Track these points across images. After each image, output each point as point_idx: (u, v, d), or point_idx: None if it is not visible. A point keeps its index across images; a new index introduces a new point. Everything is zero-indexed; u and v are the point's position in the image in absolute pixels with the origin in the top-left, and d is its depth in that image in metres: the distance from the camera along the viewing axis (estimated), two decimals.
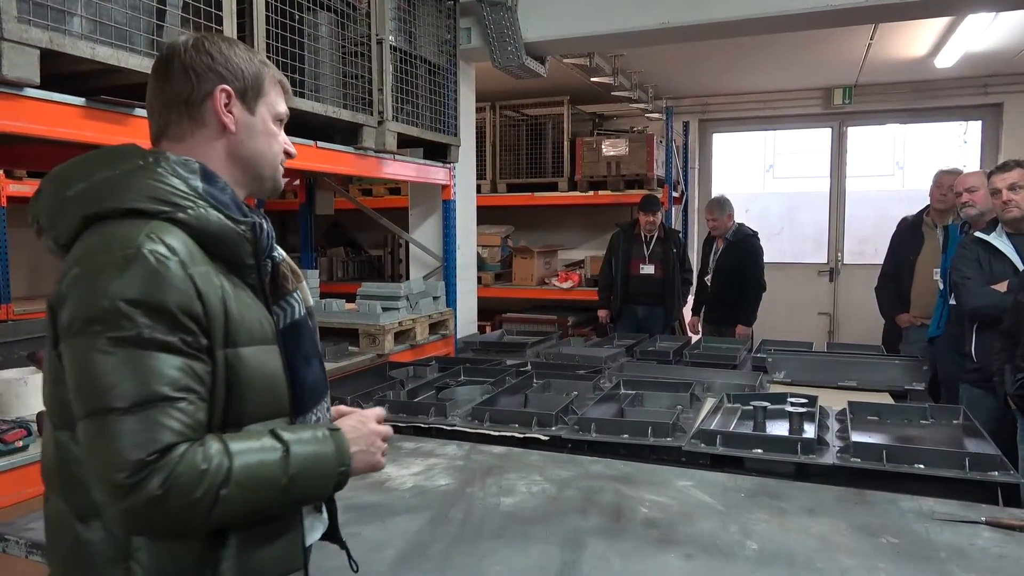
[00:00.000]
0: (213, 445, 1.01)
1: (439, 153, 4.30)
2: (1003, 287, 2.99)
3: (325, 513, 1.31)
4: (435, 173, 4.32)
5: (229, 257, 1.12)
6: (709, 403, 2.78)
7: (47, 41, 1.97)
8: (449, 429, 2.59)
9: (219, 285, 1.08)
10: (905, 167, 7.44)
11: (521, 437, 2.48)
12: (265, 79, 1.23)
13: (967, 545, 1.67)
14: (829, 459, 2.17)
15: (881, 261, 4.88)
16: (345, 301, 4.07)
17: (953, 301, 3.39)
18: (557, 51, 4.75)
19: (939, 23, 5.06)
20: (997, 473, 2.01)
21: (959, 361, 3.31)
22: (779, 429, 2.45)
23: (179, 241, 1.05)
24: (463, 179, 4.68)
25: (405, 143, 3.95)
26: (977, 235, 3.22)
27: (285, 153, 1.28)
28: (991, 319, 2.95)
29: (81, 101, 2.16)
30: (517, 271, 6.81)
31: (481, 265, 6.35)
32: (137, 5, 2.27)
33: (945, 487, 2.00)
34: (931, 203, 4.48)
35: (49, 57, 2.00)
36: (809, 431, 2.35)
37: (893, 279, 4.62)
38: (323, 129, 3.32)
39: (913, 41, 5.53)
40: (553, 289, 6.61)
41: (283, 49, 2.83)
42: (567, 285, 6.55)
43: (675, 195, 7.00)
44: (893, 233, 4.76)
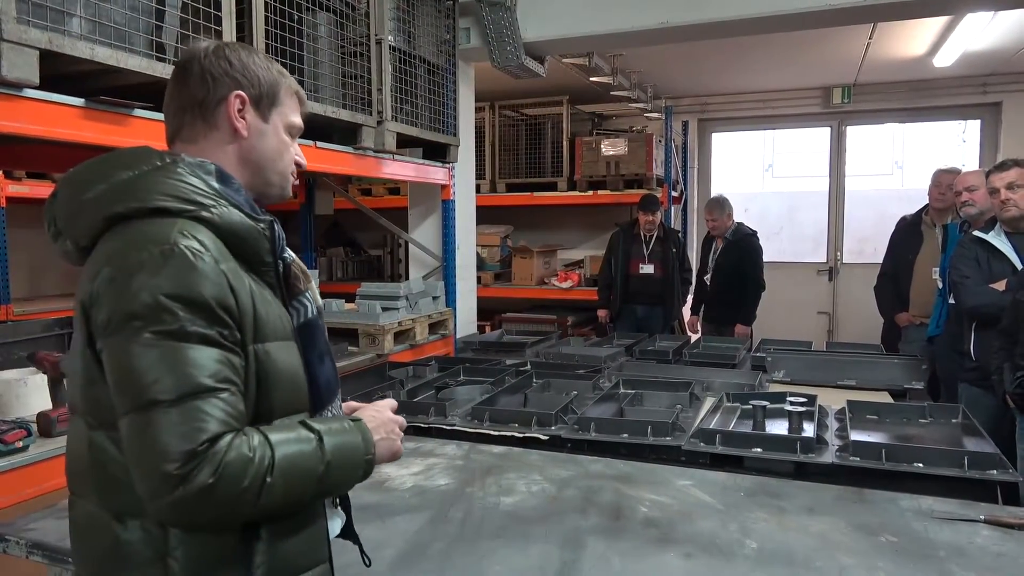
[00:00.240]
0: (255, 436, 1.02)
1: (438, 153, 4.30)
2: (1001, 286, 2.99)
3: (340, 508, 1.33)
4: (434, 173, 4.33)
5: (250, 255, 1.13)
6: (708, 402, 2.78)
7: (46, 42, 1.97)
8: (449, 429, 2.59)
9: (247, 282, 1.10)
10: (904, 166, 7.45)
11: (521, 437, 2.48)
12: (281, 89, 1.26)
13: (966, 543, 1.67)
14: (828, 458, 2.17)
15: (880, 260, 4.89)
16: (345, 301, 4.07)
17: (952, 300, 3.40)
18: (556, 51, 4.75)
19: (938, 22, 5.06)
20: (996, 472, 2.01)
21: (958, 360, 3.31)
22: (778, 428, 2.45)
23: (208, 238, 1.07)
24: (462, 179, 4.69)
25: (404, 143, 3.95)
26: (976, 234, 3.22)
27: (296, 164, 1.30)
28: (990, 318, 2.96)
29: (80, 102, 2.16)
30: (516, 271, 6.82)
31: (480, 265, 6.35)
32: (136, 6, 2.27)
33: (944, 486, 2.00)
34: (930, 202, 4.48)
35: (48, 58, 2.00)
36: (808, 430, 2.35)
37: (892, 278, 4.63)
38: (322, 129, 3.32)
39: (912, 40, 5.54)
40: (552, 289, 6.62)
41: (282, 49, 2.83)
42: (566, 285, 6.55)
43: (674, 195, 7.01)
44: (892, 232, 4.77)
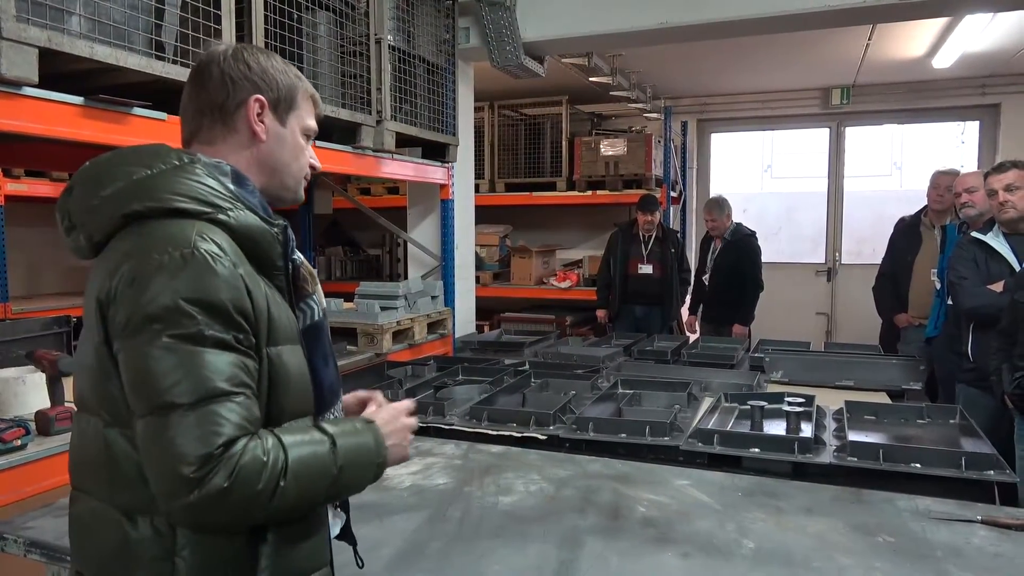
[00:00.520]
0: (269, 439, 1.02)
1: (437, 152, 4.30)
2: (999, 287, 2.99)
3: (341, 510, 1.33)
4: (433, 172, 4.32)
5: (262, 258, 1.13)
6: (707, 402, 2.78)
7: (46, 40, 1.97)
8: (447, 428, 2.59)
9: (262, 285, 1.10)
10: (903, 167, 7.46)
11: (519, 436, 2.48)
12: (298, 93, 1.27)
13: (963, 544, 1.67)
14: (826, 458, 2.17)
15: (879, 261, 4.90)
16: (343, 300, 4.07)
17: (950, 301, 3.40)
18: (555, 51, 4.75)
19: (937, 23, 5.07)
20: (993, 472, 2.01)
21: (956, 361, 3.31)
22: (776, 428, 2.45)
23: (225, 241, 1.07)
24: (461, 178, 4.69)
25: (403, 142, 3.95)
26: (974, 235, 3.22)
27: (311, 167, 1.31)
28: (988, 319, 2.96)
29: (79, 100, 2.16)
30: (515, 271, 6.82)
31: (479, 265, 6.35)
32: (136, 4, 2.27)
33: (941, 486, 2.01)
34: (929, 204, 4.49)
35: (47, 56, 1.99)
36: (806, 430, 2.36)
37: (891, 279, 4.63)
38: (321, 128, 3.31)
39: (911, 41, 5.54)
40: (551, 289, 6.62)
41: (281, 48, 2.83)
42: (565, 285, 6.55)
43: (673, 195, 7.01)
44: (891, 233, 4.77)
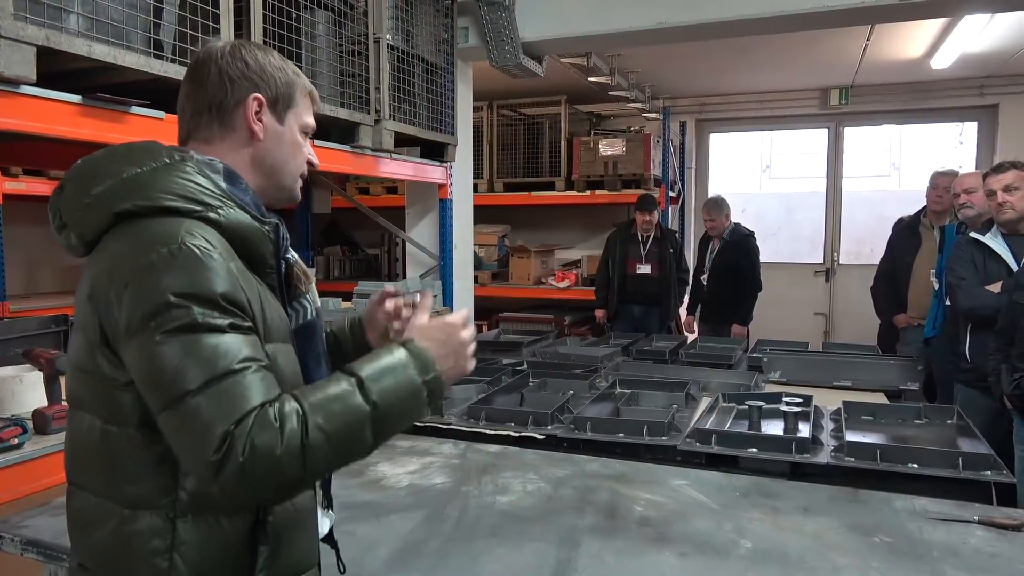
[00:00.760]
0: (288, 403, 1.01)
1: (436, 152, 4.29)
2: (997, 287, 3.00)
3: (332, 511, 1.33)
4: (432, 172, 4.32)
5: (253, 256, 1.13)
6: (704, 402, 2.79)
7: (44, 38, 1.97)
8: (445, 428, 2.59)
9: (253, 283, 1.10)
10: (901, 168, 7.46)
11: (517, 436, 2.48)
12: (296, 90, 1.25)
13: (960, 544, 1.67)
14: (823, 458, 2.17)
15: (877, 261, 4.90)
16: (342, 300, 4.07)
17: (948, 302, 3.40)
18: (554, 50, 4.75)
19: (935, 24, 5.07)
20: (990, 472, 2.01)
21: (954, 361, 3.32)
22: (774, 428, 2.45)
23: (215, 238, 1.06)
24: (460, 178, 4.68)
25: (402, 142, 3.95)
26: (972, 236, 3.22)
27: (308, 163, 1.29)
28: (986, 319, 2.96)
29: (78, 99, 2.15)
30: (514, 270, 6.82)
31: (478, 264, 6.35)
32: (134, 3, 2.26)
33: (939, 486, 2.01)
34: (927, 204, 4.49)
35: (46, 54, 1.99)
36: (804, 430, 2.35)
37: (890, 279, 4.63)
38: (320, 127, 3.31)
39: (910, 42, 5.55)
40: (550, 288, 6.62)
41: (280, 48, 2.82)
42: (564, 284, 6.55)
43: (672, 195, 7.01)
44: (890, 234, 4.78)
